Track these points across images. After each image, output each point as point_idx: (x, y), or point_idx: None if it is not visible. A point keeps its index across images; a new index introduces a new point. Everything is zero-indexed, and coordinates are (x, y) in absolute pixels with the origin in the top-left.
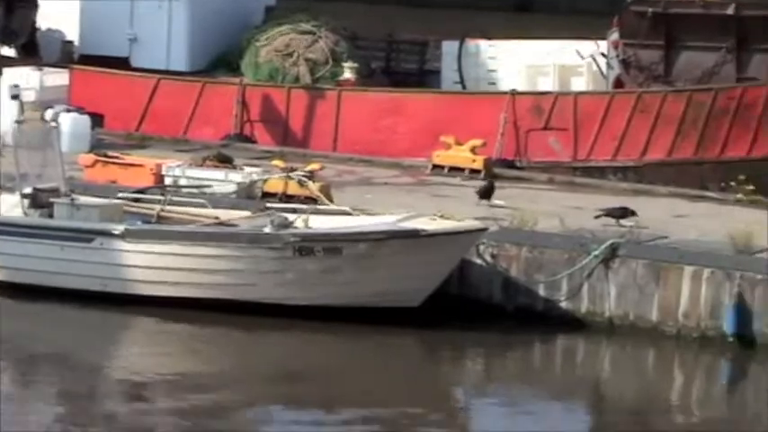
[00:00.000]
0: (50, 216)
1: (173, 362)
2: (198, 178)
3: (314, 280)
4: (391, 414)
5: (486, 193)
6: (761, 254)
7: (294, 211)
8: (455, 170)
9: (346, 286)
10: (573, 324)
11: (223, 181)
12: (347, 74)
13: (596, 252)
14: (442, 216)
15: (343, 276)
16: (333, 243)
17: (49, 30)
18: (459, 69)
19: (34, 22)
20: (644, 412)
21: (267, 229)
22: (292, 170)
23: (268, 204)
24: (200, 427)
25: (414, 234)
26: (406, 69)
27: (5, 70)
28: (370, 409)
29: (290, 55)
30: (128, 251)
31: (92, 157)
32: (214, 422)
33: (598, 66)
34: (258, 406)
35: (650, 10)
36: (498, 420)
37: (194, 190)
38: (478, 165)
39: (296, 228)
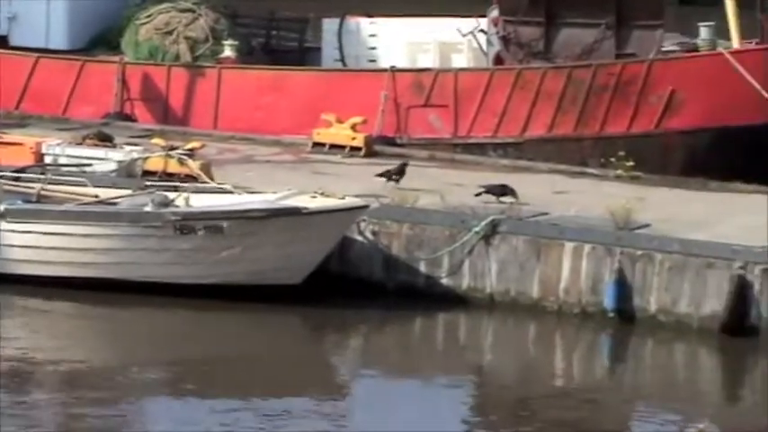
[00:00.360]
0: None
1: (53, 345)
2: (78, 157)
3: (195, 258)
4: (274, 394)
5: (397, 175)
6: (641, 230)
7: (175, 189)
8: (336, 148)
9: (228, 264)
10: (454, 301)
11: (103, 159)
12: (227, 52)
13: (477, 229)
14: (323, 193)
15: (224, 254)
16: (214, 221)
17: None
18: (340, 47)
19: None
20: (524, 387)
21: (148, 208)
22: (172, 148)
23: (148, 183)
24: (85, 414)
25: (295, 212)
26: (286, 47)
27: None
28: (251, 390)
29: (170, 33)
30: (8, 231)
31: None
32: (99, 410)
33: (478, 43)
34: (141, 391)
35: None
36: (380, 397)
37: (74, 169)
38: (359, 142)
39: (177, 206)
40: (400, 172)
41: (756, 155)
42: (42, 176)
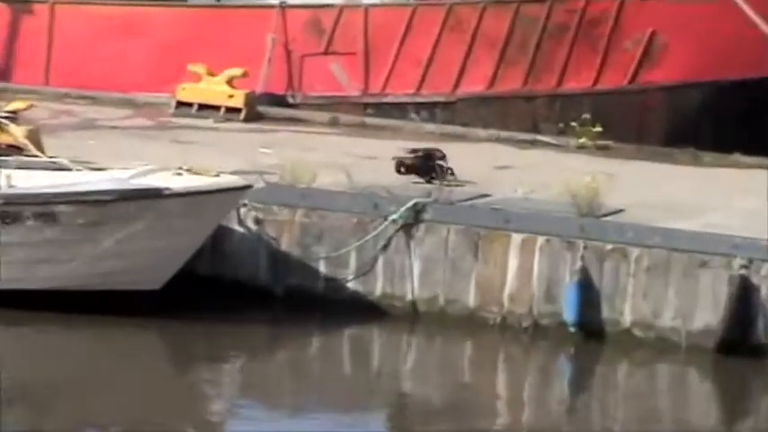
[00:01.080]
0: None
1: None
2: None
3: (24, 256)
4: None
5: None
6: (611, 217)
7: None
8: (207, 109)
9: (67, 264)
10: (364, 311)
11: None
12: None
13: (395, 216)
14: (189, 170)
15: (61, 251)
16: (46, 207)
17: None
18: None
19: None
20: (455, 425)
21: None
22: None
23: None
24: None
25: (153, 194)
26: None
27: None
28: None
29: None
30: None
31: None
32: None
33: None
34: None
35: None
36: None
37: None
38: (238, 101)
39: None
40: (422, 168)
41: (760, 118)
42: None
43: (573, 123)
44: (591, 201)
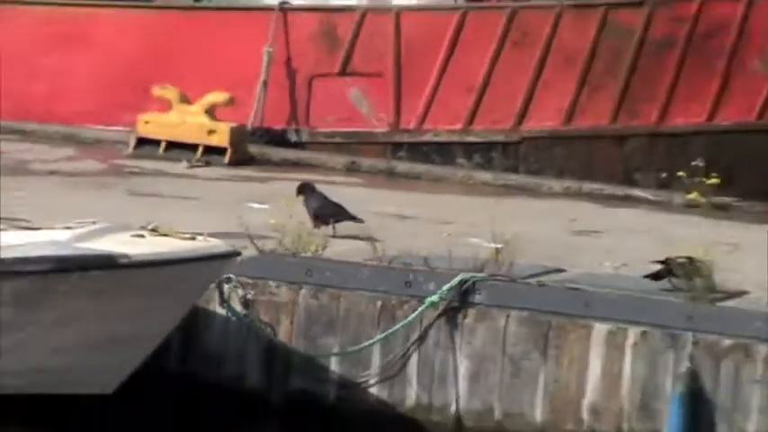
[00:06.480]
0: None
1: None
2: None
3: None
4: None
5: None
6: (731, 301)
7: None
8: (179, 148)
9: None
10: (391, 427)
11: None
12: None
13: (434, 297)
14: (155, 230)
15: None
16: None
17: None
18: None
19: None
20: None
21: None
22: None
23: None
24: None
25: (105, 262)
26: None
27: None
28: None
29: None
30: None
31: None
32: None
33: None
34: None
35: None
36: None
37: None
38: (221, 139)
39: None
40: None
41: None
42: None
43: (680, 173)
44: (704, 279)
